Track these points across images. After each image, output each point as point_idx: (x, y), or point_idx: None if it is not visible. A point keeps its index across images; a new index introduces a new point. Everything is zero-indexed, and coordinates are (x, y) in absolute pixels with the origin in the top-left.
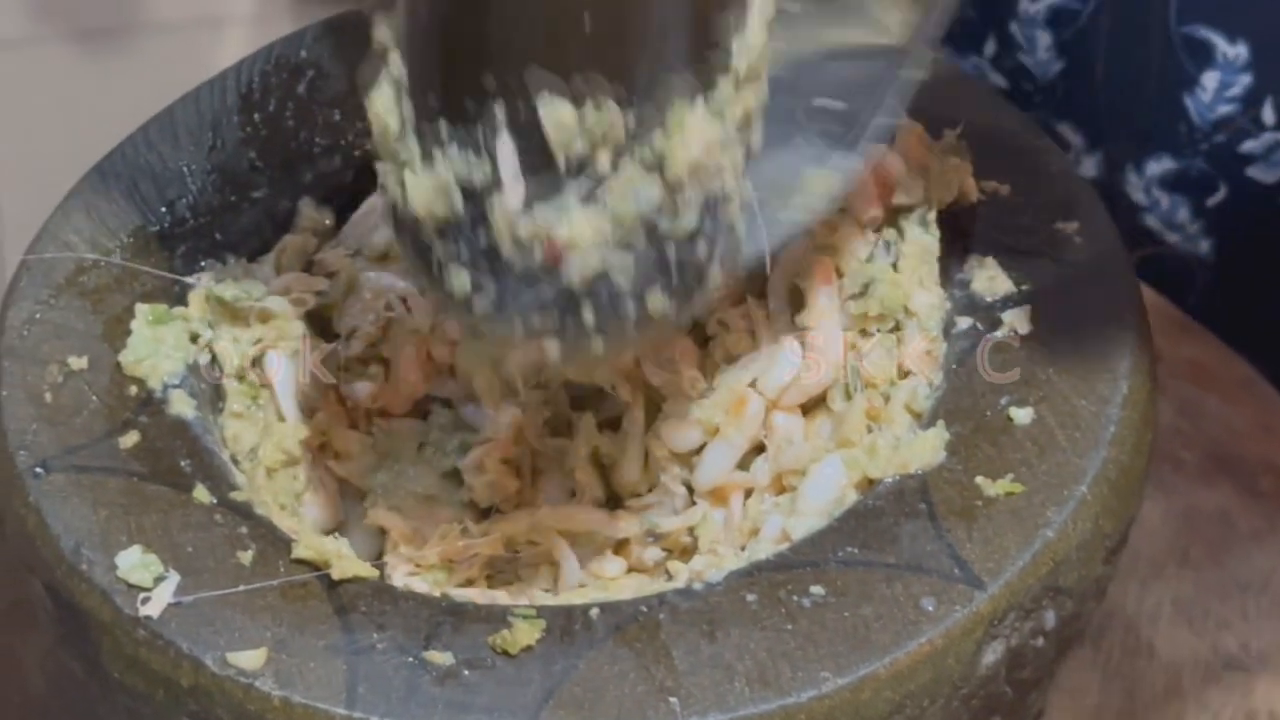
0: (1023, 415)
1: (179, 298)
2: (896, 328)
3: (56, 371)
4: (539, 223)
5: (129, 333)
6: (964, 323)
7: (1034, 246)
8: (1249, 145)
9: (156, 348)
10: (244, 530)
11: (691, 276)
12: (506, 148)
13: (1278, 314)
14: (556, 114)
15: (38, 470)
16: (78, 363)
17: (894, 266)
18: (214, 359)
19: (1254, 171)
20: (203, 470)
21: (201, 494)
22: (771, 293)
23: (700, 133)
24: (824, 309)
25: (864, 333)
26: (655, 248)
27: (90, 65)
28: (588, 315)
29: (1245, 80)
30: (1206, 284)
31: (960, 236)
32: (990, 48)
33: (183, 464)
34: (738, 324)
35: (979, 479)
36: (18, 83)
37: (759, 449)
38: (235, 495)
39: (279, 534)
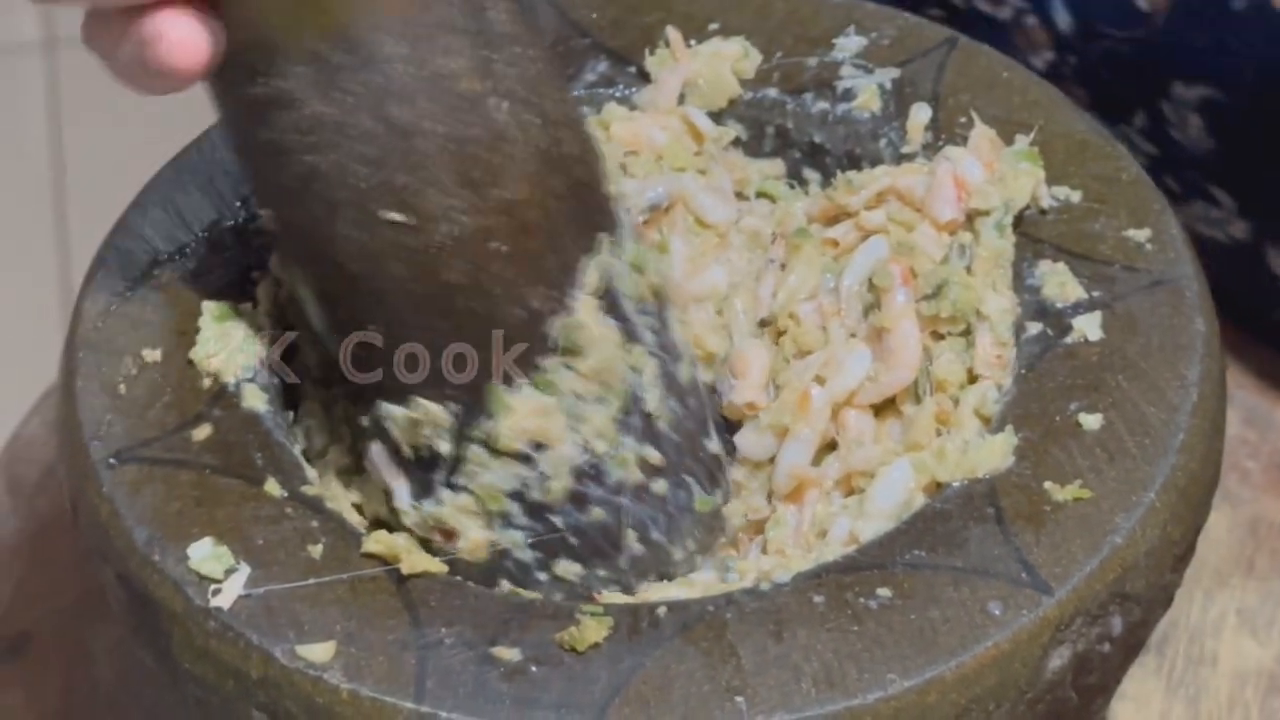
0: (1092, 421)
1: (251, 293)
2: (967, 331)
3: (131, 364)
4: (425, 513)
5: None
6: (1034, 328)
7: (1106, 253)
8: None
9: (226, 342)
10: (315, 524)
11: (599, 542)
12: (377, 450)
13: None
14: (389, 412)
15: (111, 461)
16: (152, 355)
17: (968, 269)
18: (288, 355)
19: None
20: (274, 464)
21: (273, 487)
22: (845, 290)
23: (521, 406)
24: (901, 310)
25: (935, 335)
26: (539, 520)
27: None
28: (504, 586)
29: None
30: None
31: (1032, 242)
32: (1140, 120)
33: (255, 457)
34: (809, 319)
35: (1047, 484)
36: (90, 80)
37: (830, 446)
38: (306, 489)
39: (349, 528)
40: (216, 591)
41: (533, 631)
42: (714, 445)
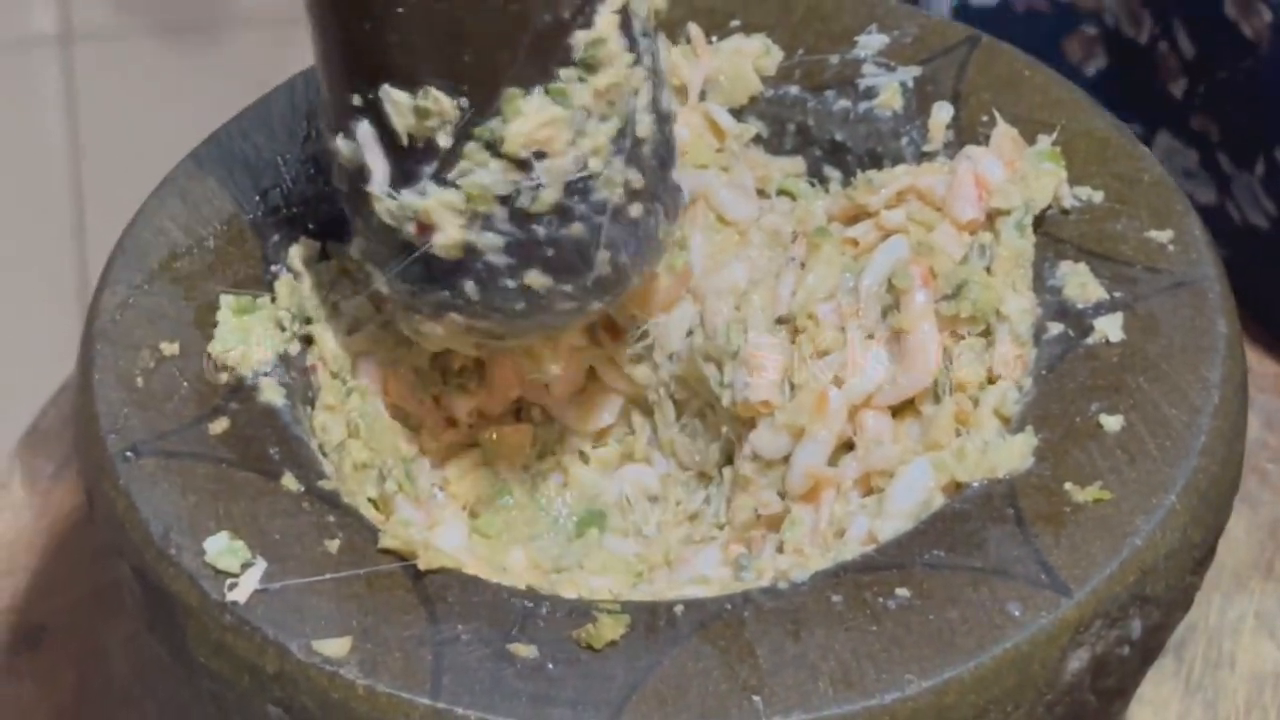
0: (1113, 422)
1: (270, 286)
2: (987, 331)
3: (148, 356)
4: (403, 202)
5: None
6: (1055, 328)
7: (1127, 254)
8: None
9: (244, 336)
10: (331, 519)
11: (573, 257)
12: (365, 130)
13: None
14: (393, 96)
15: (128, 454)
16: (169, 348)
17: (988, 270)
18: (306, 348)
19: None
20: (291, 458)
21: (290, 482)
22: (864, 289)
23: (534, 114)
24: (921, 311)
25: (955, 335)
26: (520, 227)
27: (177, 58)
28: (469, 288)
29: None
30: None
31: (1054, 242)
32: (1260, 168)
33: (271, 451)
34: (828, 319)
35: (1067, 485)
36: (105, 75)
37: (847, 446)
38: (323, 484)
39: (366, 523)
40: (232, 585)
41: (549, 628)
42: (677, 174)
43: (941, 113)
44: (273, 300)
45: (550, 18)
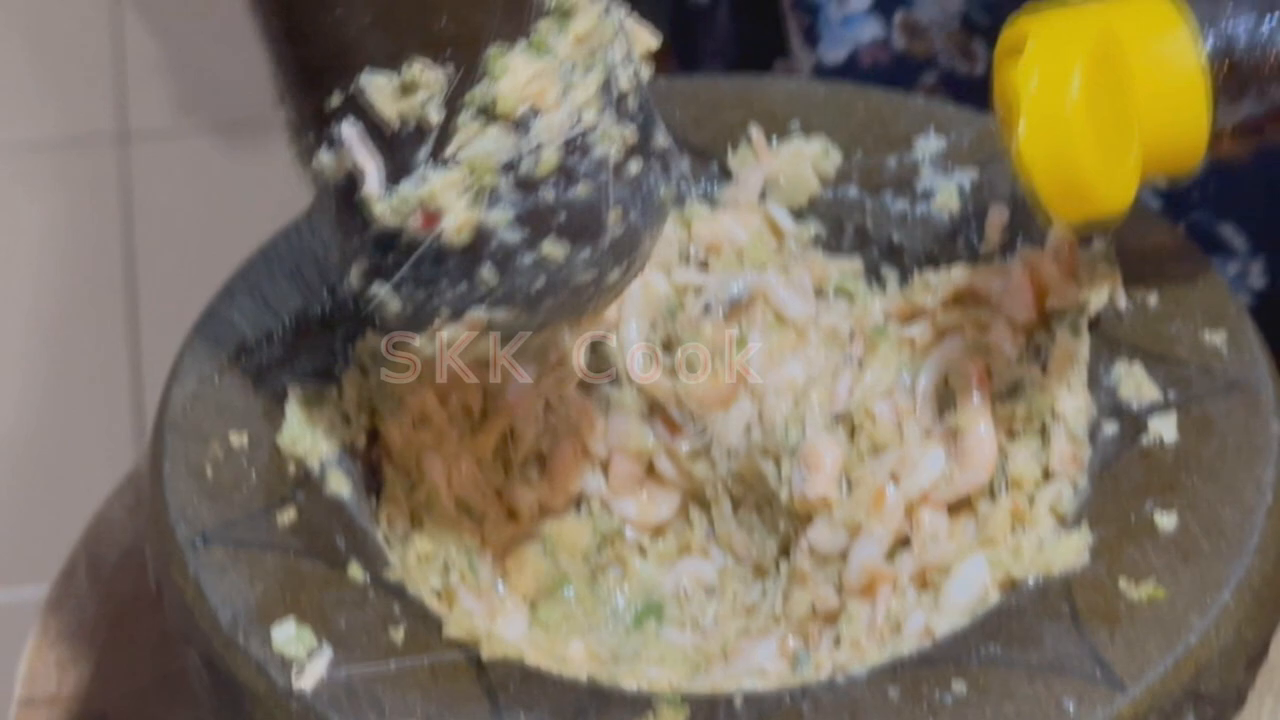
0: (1167, 521)
1: (337, 379)
2: (1043, 429)
3: (218, 447)
4: (404, 195)
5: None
6: (1110, 427)
7: (1181, 355)
8: None
9: (312, 429)
10: (396, 608)
11: (586, 218)
12: (350, 129)
13: None
14: (374, 81)
15: (197, 543)
16: (238, 439)
17: (1042, 369)
18: (372, 441)
19: None
20: (357, 548)
21: (356, 571)
22: (920, 388)
23: (522, 68)
24: (977, 411)
25: (1010, 433)
26: (528, 195)
27: (235, 156)
28: (487, 273)
29: None
30: None
31: (1108, 342)
32: None
33: (338, 541)
34: (884, 416)
35: (1122, 582)
36: (162, 173)
37: (903, 542)
38: (388, 574)
39: (430, 613)
40: (300, 673)
41: (610, 718)
42: (663, 139)
43: (998, 215)
44: (340, 393)
45: None
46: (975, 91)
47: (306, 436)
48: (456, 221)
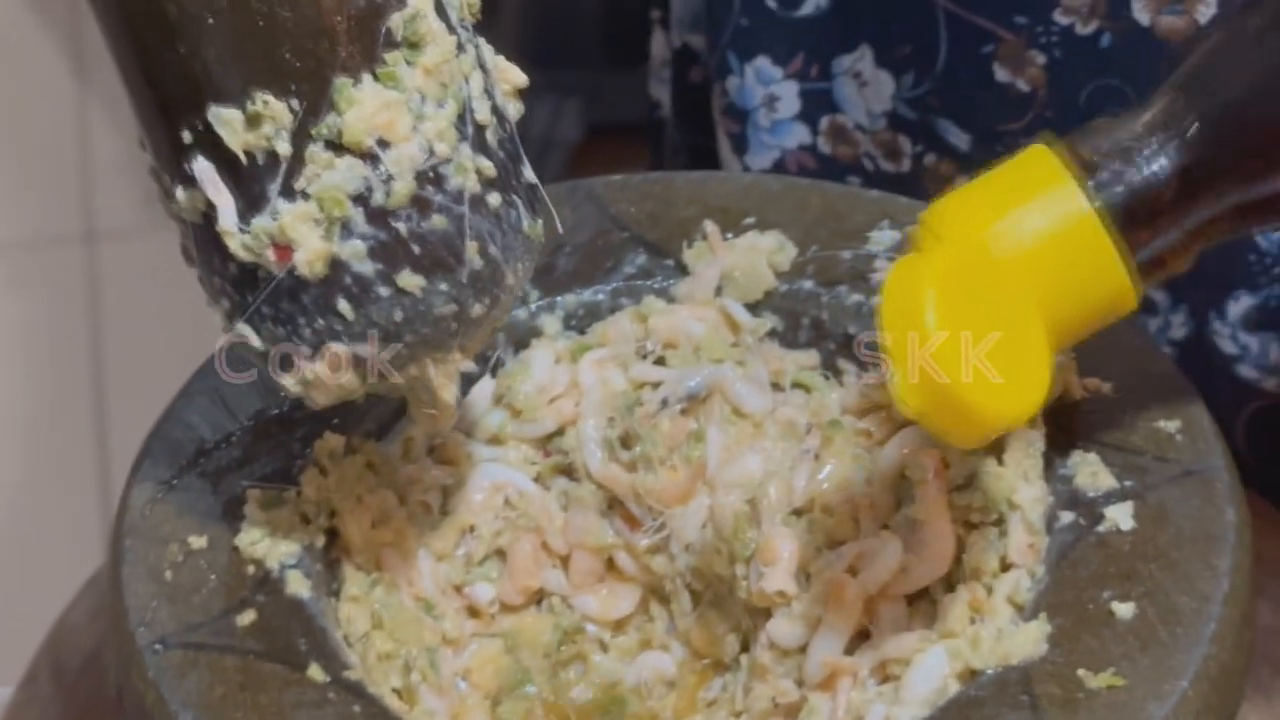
0: (1124, 610)
1: (296, 479)
2: (1000, 520)
3: (177, 550)
4: (257, 228)
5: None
6: (1066, 517)
7: (1137, 444)
8: None
9: (270, 529)
10: (357, 709)
11: (442, 250)
12: (202, 165)
13: None
14: (222, 115)
15: (157, 647)
16: (197, 542)
17: (999, 460)
18: (331, 541)
19: None
20: (317, 649)
21: (316, 672)
22: (877, 481)
23: (370, 100)
24: (934, 502)
25: (968, 524)
26: (382, 227)
27: None
28: (343, 307)
29: None
30: None
31: (1064, 432)
32: None
33: (298, 643)
34: (841, 509)
35: (1081, 672)
36: (132, 273)
37: (863, 634)
38: (349, 674)
39: (390, 713)
40: None
41: None
42: (530, 174)
43: None
44: (299, 494)
45: (364, 2)
46: (902, 190)
47: (265, 538)
48: (309, 254)
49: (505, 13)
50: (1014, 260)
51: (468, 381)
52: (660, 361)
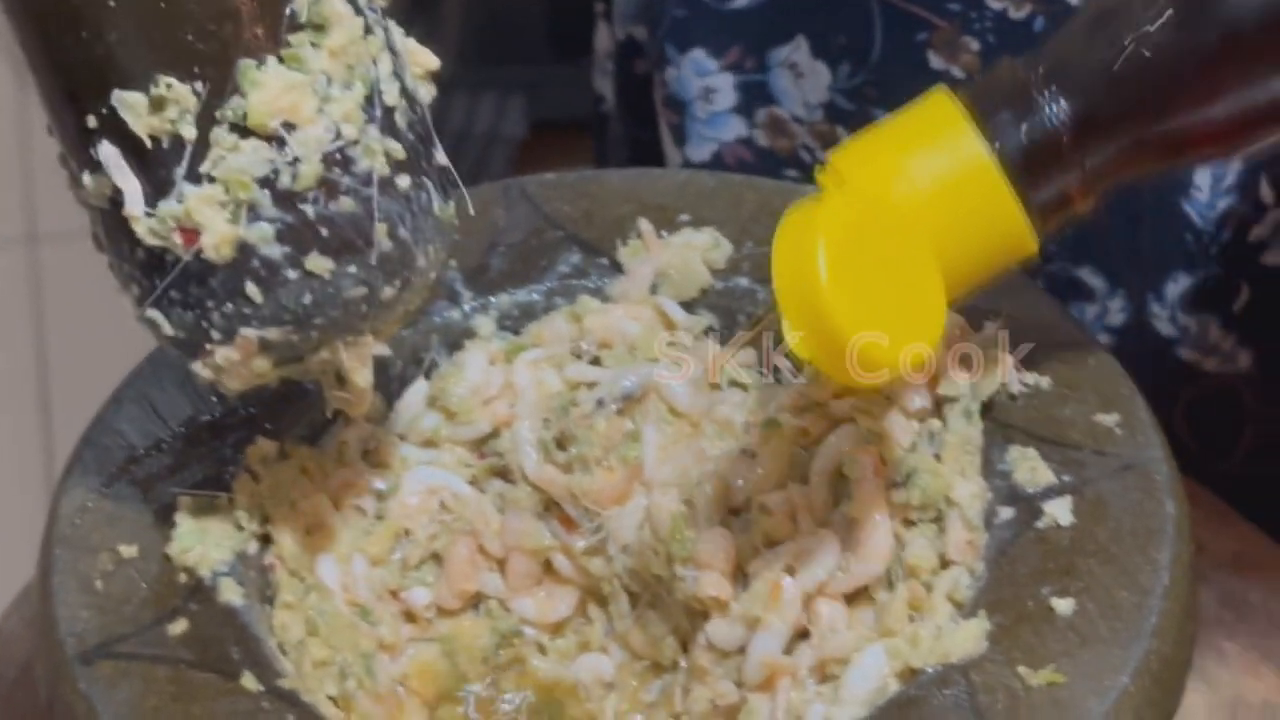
0: (1064, 606)
1: (228, 486)
2: (938, 517)
3: (107, 560)
4: (163, 213)
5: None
6: (1006, 513)
7: (1075, 439)
8: (1256, 232)
9: (202, 537)
10: (290, 717)
11: (350, 233)
12: (108, 150)
13: None
14: (126, 99)
15: (87, 658)
16: (128, 551)
17: (937, 456)
18: (264, 547)
19: (1269, 258)
20: (250, 658)
21: (249, 681)
22: (814, 479)
23: (274, 82)
24: (871, 499)
25: (906, 521)
26: (289, 210)
27: None
28: (252, 290)
29: (1236, 165)
30: (1255, 405)
31: (1002, 428)
32: None
33: (231, 651)
34: (778, 508)
35: (1021, 669)
36: (75, 275)
37: (801, 634)
38: (282, 683)
39: None
40: None
41: None
42: (442, 157)
43: None
44: (231, 500)
45: None
46: None
47: (197, 546)
48: (215, 237)
49: (448, 9)
50: (911, 205)
51: (401, 384)
52: (596, 361)
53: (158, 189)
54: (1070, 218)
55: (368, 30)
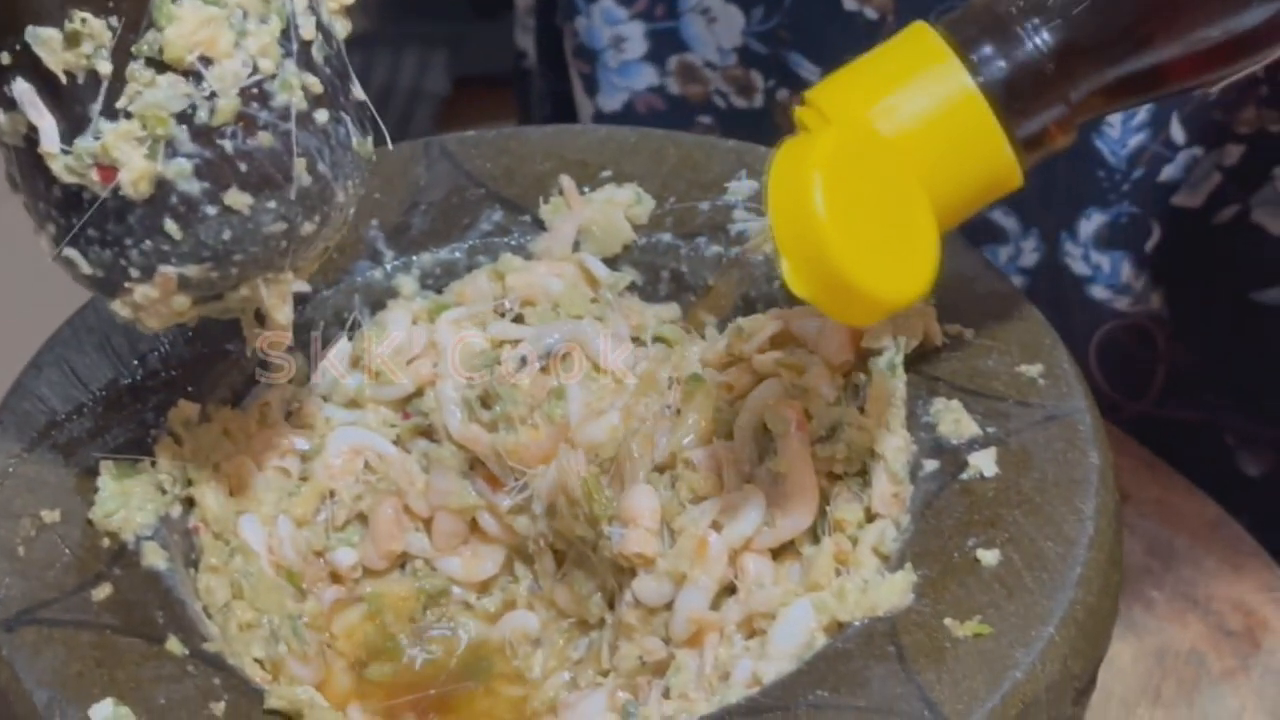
0: (990, 557)
1: (149, 450)
2: (863, 470)
3: (29, 525)
4: (80, 150)
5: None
6: (930, 465)
7: (998, 390)
8: (1168, 172)
9: (125, 501)
10: (217, 681)
11: (269, 168)
12: (22, 87)
13: (1238, 357)
14: (40, 35)
15: (10, 625)
16: (50, 516)
17: (860, 410)
18: (188, 510)
19: (1179, 199)
20: (175, 622)
21: (174, 645)
22: (739, 434)
23: (190, 16)
24: (796, 453)
25: (831, 475)
26: (207, 145)
27: None
28: (170, 227)
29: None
30: (1166, 345)
31: (926, 379)
32: None
33: (156, 616)
34: (704, 464)
35: (947, 621)
36: None
37: (728, 590)
38: (208, 647)
39: (251, 685)
40: None
41: None
42: (359, 92)
43: None
44: (153, 464)
45: None
46: (755, 126)
47: (120, 510)
48: (133, 174)
49: None
50: (899, 139)
51: (324, 344)
52: (519, 319)
53: (74, 126)
54: (1049, 152)
55: None
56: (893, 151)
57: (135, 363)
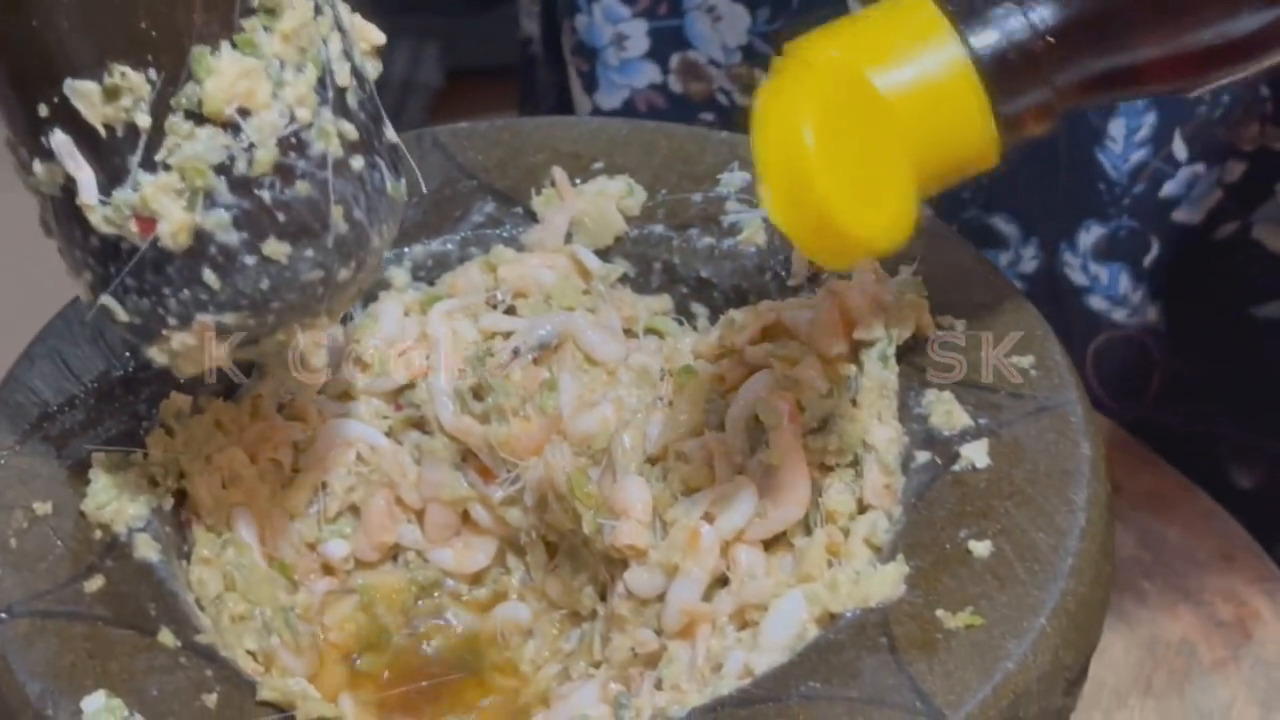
0: (981, 548)
1: (142, 442)
2: (855, 462)
3: (21, 517)
4: (119, 201)
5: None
6: (922, 456)
7: (990, 381)
8: (1169, 188)
9: (118, 493)
10: (209, 673)
11: (307, 217)
12: (60, 139)
13: (1234, 371)
14: (78, 88)
15: (2, 616)
16: (42, 508)
17: (853, 401)
18: (181, 502)
19: (1180, 215)
20: (167, 614)
21: (166, 637)
22: (731, 426)
23: (228, 68)
24: (788, 445)
25: (823, 467)
26: (245, 196)
27: None
28: (209, 278)
29: (1150, 119)
30: (1162, 358)
31: (918, 371)
32: None
33: (148, 607)
34: (696, 455)
35: (939, 612)
36: None
37: (720, 581)
38: (200, 638)
39: (243, 676)
40: None
41: None
42: (391, 134)
43: None
44: (145, 456)
45: None
46: None
47: (112, 502)
48: (172, 226)
49: None
50: (884, 100)
51: None
52: (511, 311)
53: (112, 177)
54: (1022, 138)
55: (317, 10)
56: (879, 103)
57: (127, 355)
